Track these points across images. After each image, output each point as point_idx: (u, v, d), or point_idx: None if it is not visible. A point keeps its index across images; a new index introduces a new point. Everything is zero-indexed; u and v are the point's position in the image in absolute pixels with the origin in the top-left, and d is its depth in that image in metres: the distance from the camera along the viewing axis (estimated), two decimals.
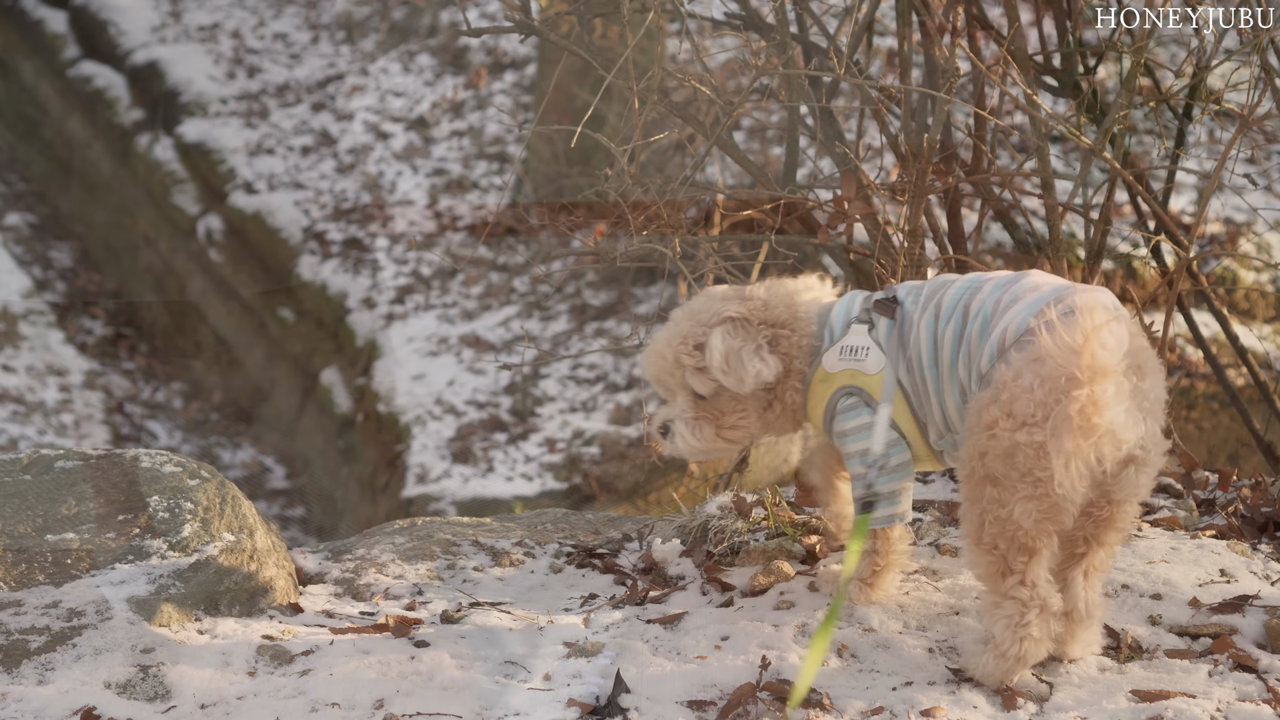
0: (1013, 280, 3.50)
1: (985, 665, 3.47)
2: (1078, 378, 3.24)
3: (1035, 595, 3.41)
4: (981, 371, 3.42)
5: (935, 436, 3.59)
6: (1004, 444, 3.34)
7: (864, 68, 5.03)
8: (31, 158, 14.92)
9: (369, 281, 11.39)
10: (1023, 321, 3.38)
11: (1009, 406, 3.32)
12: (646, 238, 4.69)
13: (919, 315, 3.57)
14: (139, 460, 4.15)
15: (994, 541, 3.39)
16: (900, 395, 3.58)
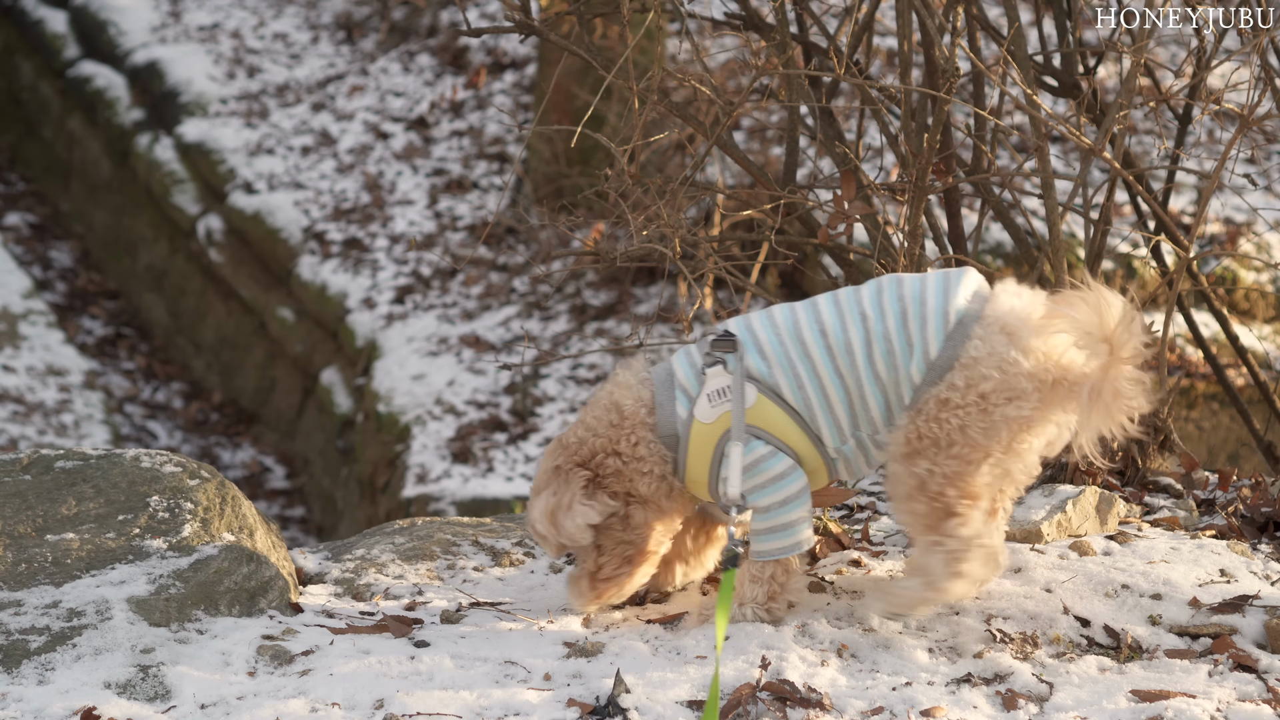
0: (883, 285, 3.64)
1: (908, 591, 3.57)
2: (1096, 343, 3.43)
3: (977, 535, 3.53)
4: (931, 357, 3.53)
5: (836, 443, 3.65)
6: (992, 420, 3.49)
7: (864, 68, 5.03)
8: (31, 158, 14.91)
9: (369, 281, 11.38)
10: (959, 305, 3.54)
11: (999, 384, 3.48)
12: (646, 238, 4.69)
13: (796, 336, 3.62)
14: (139, 460, 4.15)
15: (941, 490, 3.51)
16: (786, 415, 3.62)
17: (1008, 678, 3.52)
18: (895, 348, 3.58)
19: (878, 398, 3.61)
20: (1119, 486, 4.53)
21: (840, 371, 3.61)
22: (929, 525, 3.55)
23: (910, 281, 3.64)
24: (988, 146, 5.01)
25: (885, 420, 3.63)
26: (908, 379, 3.58)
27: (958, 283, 3.60)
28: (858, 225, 4.99)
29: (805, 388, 3.62)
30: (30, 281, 12.73)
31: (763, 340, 3.66)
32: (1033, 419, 3.52)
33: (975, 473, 3.53)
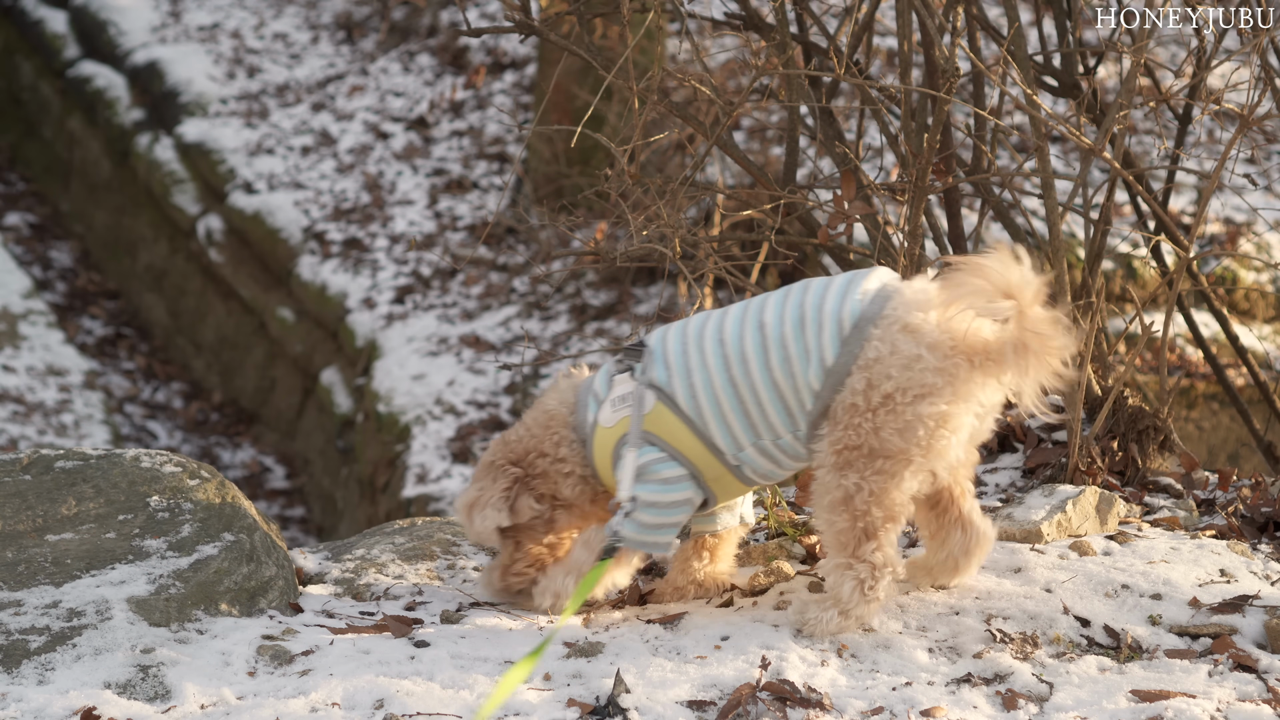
0: (790, 291, 3.65)
1: (826, 621, 3.60)
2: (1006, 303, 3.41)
3: (888, 561, 3.57)
4: (827, 364, 3.54)
5: (733, 450, 3.67)
6: (903, 420, 3.50)
7: (864, 68, 5.03)
8: (31, 158, 14.91)
9: (369, 281, 11.38)
10: (854, 307, 3.54)
11: (902, 383, 3.49)
12: (646, 238, 4.69)
13: (695, 348, 3.66)
14: (139, 460, 4.15)
15: (866, 508, 3.53)
16: (680, 423, 3.66)
17: (1008, 678, 3.52)
18: (792, 355, 3.58)
19: (776, 406, 3.62)
20: (1119, 486, 4.53)
21: (734, 380, 3.62)
22: (845, 544, 3.58)
23: (815, 286, 3.64)
24: (988, 146, 5.01)
25: (788, 427, 3.63)
26: (807, 386, 3.58)
27: (858, 284, 3.59)
28: (858, 225, 4.99)
29: (698, 396, 3.65)
30: (30, 281, 12.73)
31: (670, 349, 3.70)
32: (949, 414, 3.51)
33: (899, 486, 3.54)
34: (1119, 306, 9.46)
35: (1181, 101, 5.29)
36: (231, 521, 3.93)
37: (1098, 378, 4.88)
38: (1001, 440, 4.76)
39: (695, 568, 3.90)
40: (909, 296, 3.55)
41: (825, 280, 3.65)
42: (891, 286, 3.59)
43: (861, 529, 3.56)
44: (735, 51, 8.01)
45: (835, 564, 3.60)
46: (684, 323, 3.76)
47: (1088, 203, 4.97)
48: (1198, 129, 9.01)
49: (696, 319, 3.74)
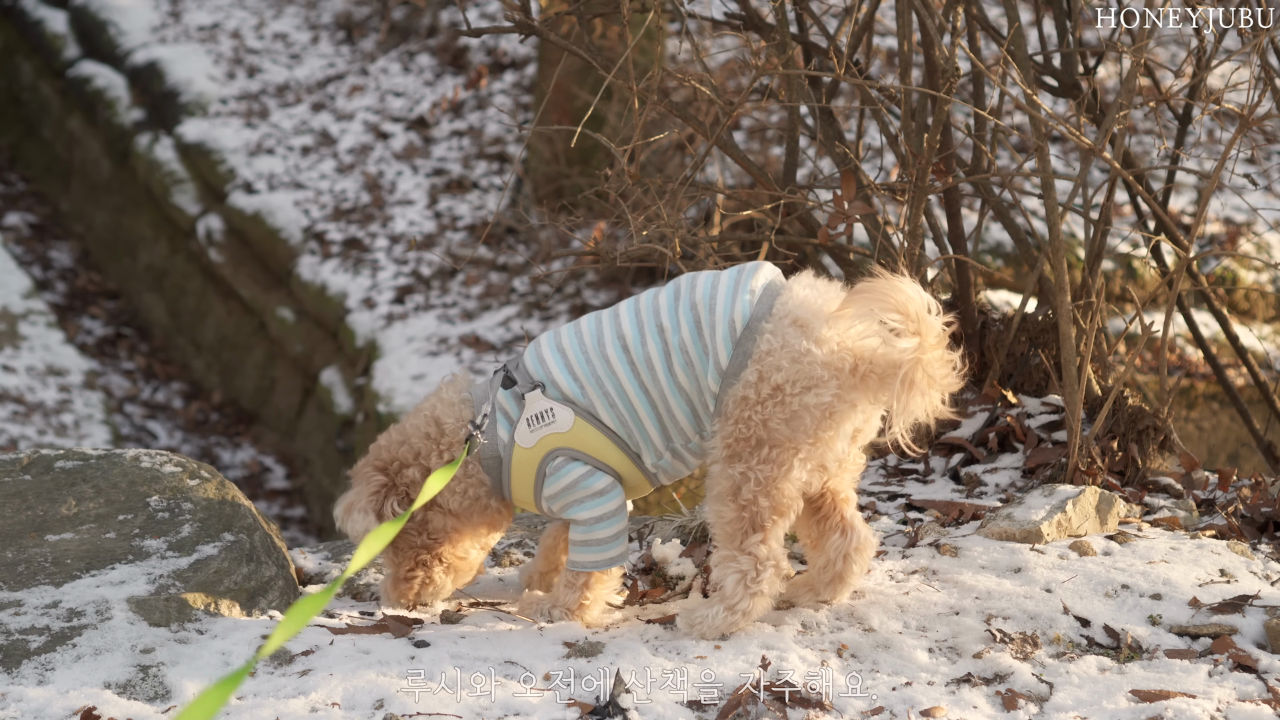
0: (679, 289, 3.67)
1: (713, 618, 3.60)
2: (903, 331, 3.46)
3: (772, 554, 3.58)
4: (722, 367, 3.58)
5: (654, 459, 3.72)
6: (790, 409, 3.53)
7: (864, 68, 5.03)
8: (31, 158, 14.91)
9: (369, 281, 11.38)
10: (744, 309, 3.58)
11: (791, 374, 3.52)
12: (646, 238, 4.69)
13: (600, 353, 3.68)
14: (139, 460, 4.15)
15: (754, 498, 3.55)
16: (603, 436, 3.69)
17: (1008, 678, 3.52)
18: (693, 358, 3.63)
19: (683, 408, 3.67)
20: (1119, 486, 4.53)
21: (645, 386, 3.67)
22: (732, 536, 3.60)
23: (703, 284, 3.66)
24: (988, 146, 5.01)
25: (695, 429, 3.68)
26: (708, 389, 3.63)
27: (746, 283, 3.63)
28: (858, 225, 4.99)
29: (617, 406, 3.68)
30: (30, 281, 12.73)
31: (572, 359, 3.71)
32: (833, 406, 3.54)
33: (787, 476, 3.56)
34: (1119, 306, 9.46)
35: (1181, 101, 5.29)
36: (231, 521, 3.93)
37: (1098, 378, 4.88)
38: (1001, 440, 4.76)
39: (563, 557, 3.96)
40: (798, 293, 3.60)
41: (713, 278, 3.68)
42: (778, 283, 3.64)
43: (748, 520, 3.58)
44: (735, 51, 8.01)
45: (720, 557, 3.62)
46: (573, 330, 3.75)
47: (1088, 203, 4.97)
48: (1198, 129, 9.01)
49: (585, 325, 3.75)
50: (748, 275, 3.64)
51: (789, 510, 3.60)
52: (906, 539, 4.19)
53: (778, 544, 3.60)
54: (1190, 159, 7.51)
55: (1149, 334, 4.75)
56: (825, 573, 3.76)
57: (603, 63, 4.70)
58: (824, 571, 3.76)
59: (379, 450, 3.87)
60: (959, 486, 4.64)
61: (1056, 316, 4.55)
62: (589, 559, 3.74)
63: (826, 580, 3.76)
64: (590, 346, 3.70)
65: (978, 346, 5.01)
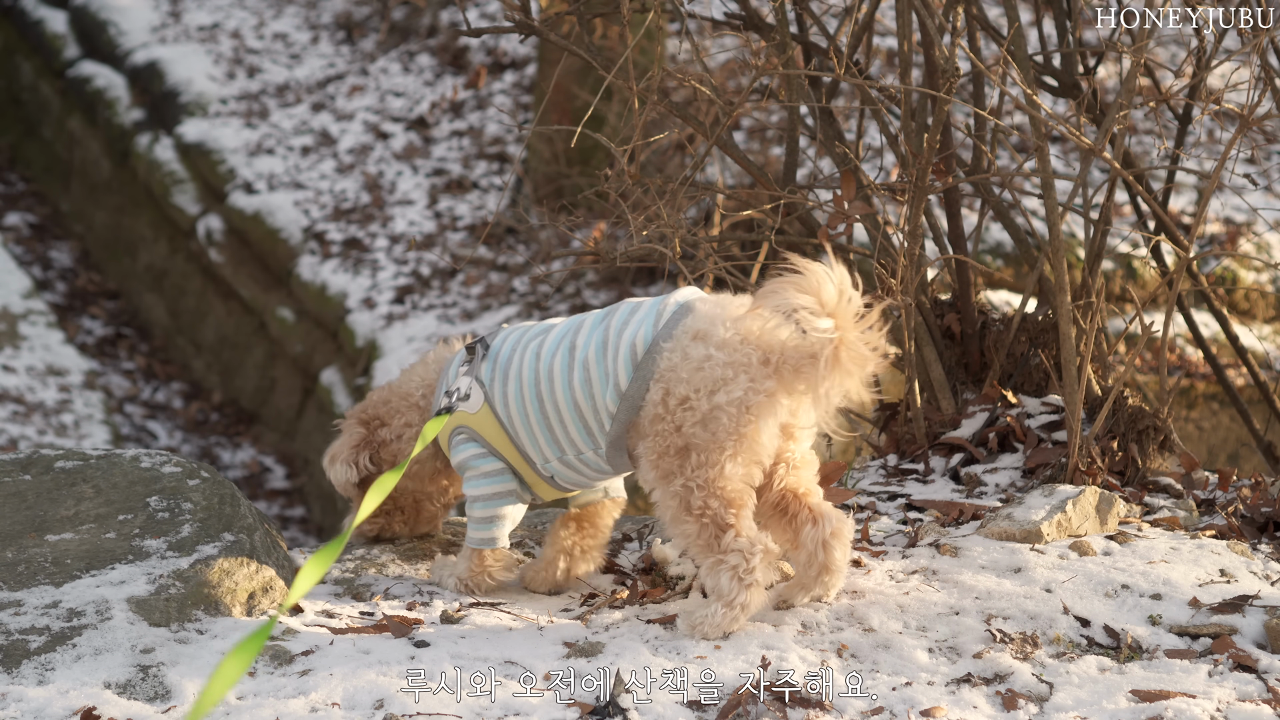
0: (610, 311, 3.78)
1: (713, 617, 3.61)
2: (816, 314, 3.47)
3: (753, 541, 3.59)
4: (621, 387, 3.67)
5: (541, 462, 3.84)
6: (701, 412, 3.56)
7: (864, 68, 5.03)
8: (31, 158, 14.91)
9: (369, 281, 11.38)
10: (647, 332, 3.66)
11: (694, 381, 3.57)
12: (646, 238, 4.69)
13: (519, 357, 3.83)
14: (139, 460, 4.15)
15: (704, 504, 3.58)
16: (500, 427, 3.85)
17: (1008, 678, 3.52)
18: (593, 376, 3.71)
19: (576, 424, 3.75)
20: (1119, 486, 4.53)
21: (540, 396, 3.77)
22: (706, 545, 3.61)
23: (623, 310, 3.76)
24: (988, 146, 5.01)
25: (589, 445, 3.76)
26: (605, 408, 3.71)
27: (657, 309, 3.70)
28: (858, 225, 4.99)
29: (510, 407, 3.83)
30: (30, 281, 12.73)
31: (502, 352, 3.88)
32: (747, 400, 3.56)
33: (724, 474, 3.58)
34: (1119, 306, 9.46)
35: (1181, 101, 5.29)
36: (231, 521, 3.93)
37: (1098, 378, 4.88)
38: (1001, 440, 4.76)
39: (562, 537, 4.00)
40: (702, 310, 3.65)
41: (636, 303, 3.77)
42: (689, 305, 3.69)
43: (711, 525, 3.59)
44: (735, 51, 8.01)
45: (707, 566, 3.63)
46: (527, 327, 3.92)
47: (1088, 203, 4.97)
48: (1198, 129, 9.01)
49: (538, 327, 3.90)
50: (661, 301, 3.73)
51: (742, 500, 3.61)
52: (906, 539, 4.19)
53: (751, 530, 3.61)
54: (1190, 159, 7.50)
55: (1149, 334, 4.75)
56: (810, 567, 3.75)
57: (603, 63, 4.70)
58: (809, 566, 3.75)
59: (366, 404, 4.14)
60: (959, 486, 4.64)
61: (1056, 316, 4.55)
62: (472, 535, 3.93)
63: (814, 574, 3.76)
64: (520, 344, 3.86)
65: (978, 346, 5.01)
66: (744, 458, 3.59)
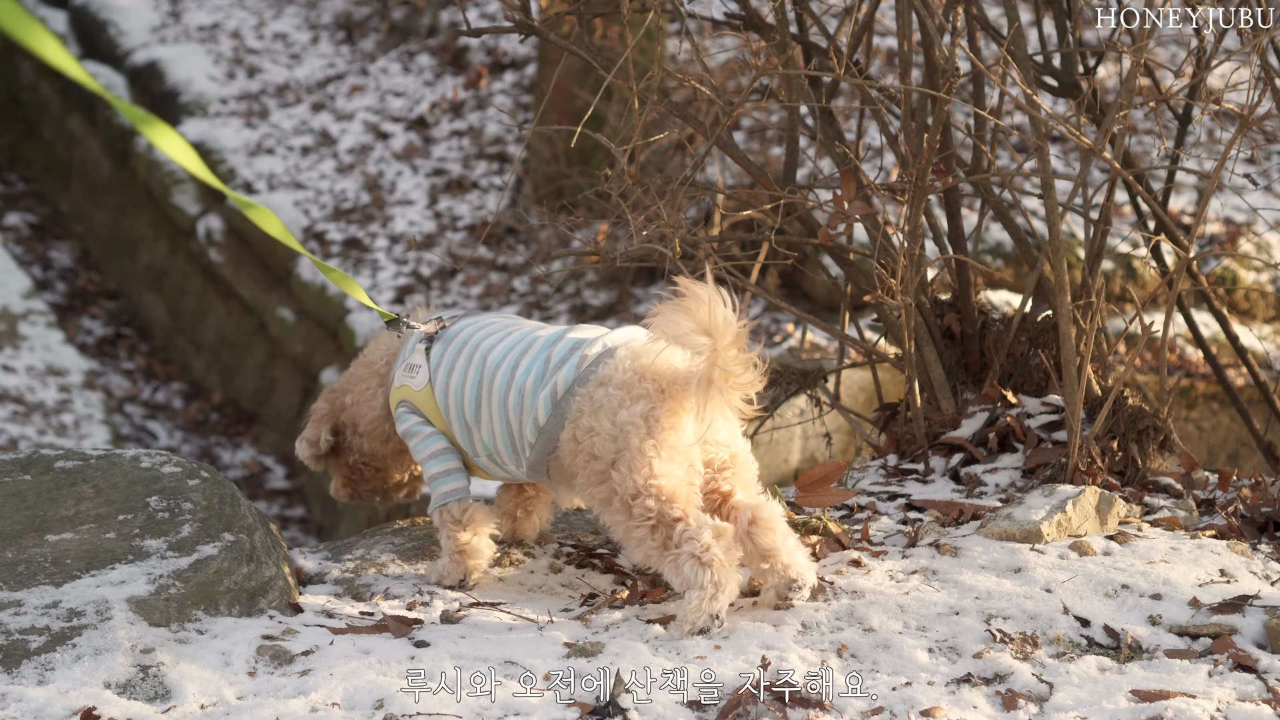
0: (558, 338, 3.89)
1: (694, 604, 3.62)
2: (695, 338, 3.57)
3: (700, 524, 3.62)
4: (539, 423, 3.81)
5: (471, 454, 4.01)
6: (607, 432, 3.66)
7: (864, 68, 5.03)
8: (31, 158, 14.91)
9: (369, 281, 11.38)
10: (568, 374, 3.77)
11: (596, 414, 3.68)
12: (646, 238, 4.69)
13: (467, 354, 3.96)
14: (139, 460, 4.15)
15: (645, 507, 3.64)
16: (438, 412, 4.01)
17: (1008, 678, 3.52)
18: (525, 404, 3.84)
19: (504, 437, 3.90)
20: (1119, 486, 4.53)
21: (479, 400, 3.93)
22: (662, 545, 3.65)
23: (564, 345, 3.85)
24: (988, 146, 5.01)
25: (512, 460, 3.91)
26: (527, 436, 3.85)
27: (584, 348, 3.80)
28: (858, 225, 4.99)
29: (449, 396, 3.97)
30: (30, 281, 12.73)
31: (457, 339, 4.01)
32: (653, 413, 3.65)
33: (654, 471, 3.63)
34: (1119, 306, 9.46)
35: (1181, 101, 5.29)
36: (231, 521, 3.93)
37: (1098, 378, 4.88)
38: (1001, 440, 4.76)
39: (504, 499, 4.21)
40: (618, 355, 3.75)
41: (577, 341, 3.86)
42: (611, 350, 3.78)
43: (657, 523, 3.64)
44: (735, 51, 8.01)
45: (666, 563, 3.66)
46: (486, 321, 4.05)
47: (1088, 203, 4.97)
48: (1198, 129, 9.02)
49: (496, 324, 4.02)
50: (589, 339, 3.83)
51: (683, 494, 3.65)
52: (906, 539, 4.19)
53: (694, 518, 3.64)
54: (1190, 159, 7.50)
55: (1149, 334, 4.75)
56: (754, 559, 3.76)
57: (603, 63, 4.70)
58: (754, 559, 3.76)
59: (338, 382, 4.33)
60: (959, 486, 4.64)
61: (1056, 316, 4.55)
62: (434, 495, 4.01)
63: (766, 569, 3.76)
64: (474, 338, 3.98)
65: (978, 346, 5.01)
66: (668, 453, 3.66)
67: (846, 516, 4.48)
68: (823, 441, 7.59)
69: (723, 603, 3.63)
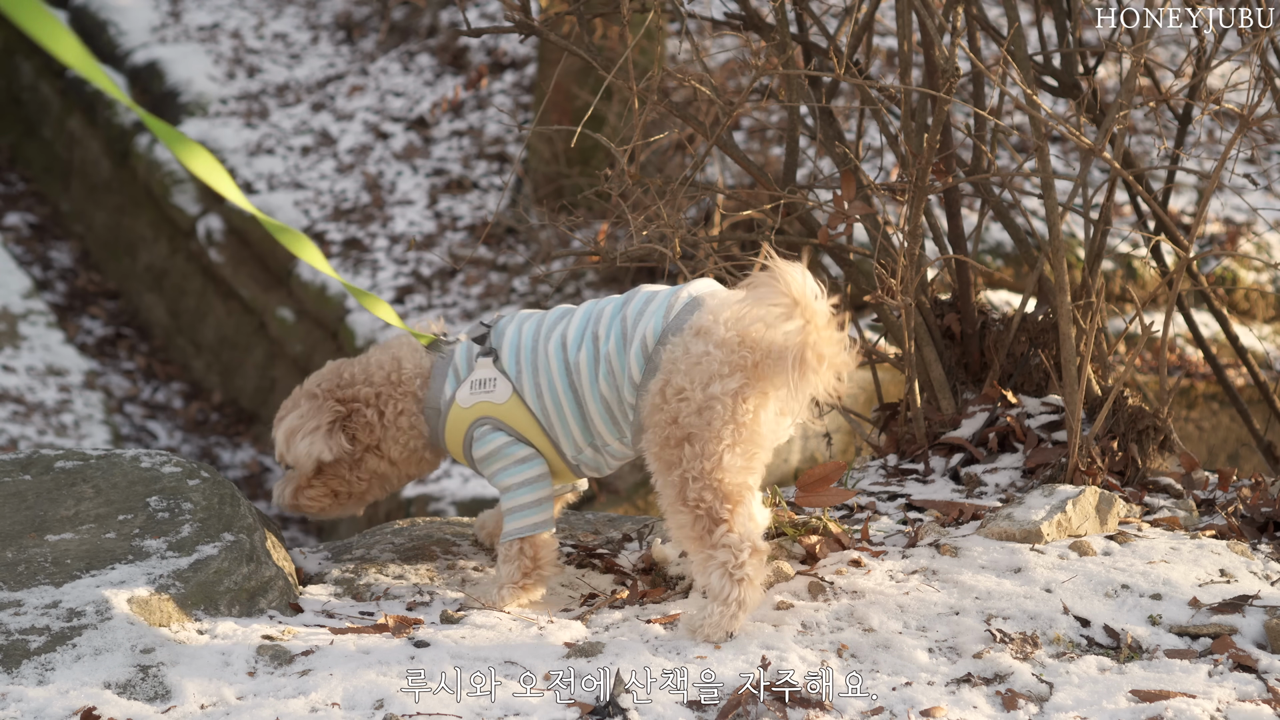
0: (628, 299, 3.81)
1: (713, 617, 3.62)
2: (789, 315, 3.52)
3: (744, 538, 3.61)
4: (635, 381, 3.73)
5: (574, 452, 3.90)
6: (696, 402, 3.60)
7: (864, 68, 5.03)
8: (31, 158, 14.91)
9: (369, 281, 11.38)
10: (656, 325, 3.70)
11: (691, 374, 3.61)
12: (646, 238, 4.69)
13: (543, 347, 3.86)
14: (139, 460, 4.15)
15: (700, 496, 3.62)
16: (531, 417, 3.88)
17: (1008, 678, 3.52)
18: (615, 369, 3.77)
19: (603, 414, 3.82)
20: (1119, 486, 4.53)
21: (574, 387, 3.83)
22: (698, 538, 3.64)
23: (638, 300, 3.80)
24: (988, 146, 5.01)
25: (615, 435, 3.84)
26: (626, 399, 3.78)
27: (668, 300, 3.75)
28: (858, 225, 4.99)
29: (544, 398, 3.86)
30: (30, 281, 12.73)
31: (523, 341, 3.91)
32: (743, 392, 3.61)
33: (721, 466, 3.61)
34: (1119, 306, 9.46)
35: (1181, 101, 5.29)
36: (231, 521, 3.93)
37: (1098, 378, 4.88)
38: (1001, 440, 4.76)
39: None
40: (709, 305, 3.70)
41: (649, 294, 3.81)
42: (699, 299, 3.73)
43: (705, 518, 3.63)
44: (735, 51, 8.01)
45: (698, 562, 3.66)
46: (540, 316, 3.95)
47: (1088, 203, 4.97)
48: (1198, 129, 9.02)
49: (551, 315, 3.94)
50: (674, 292, 3.76)
51: (740, 497, 3.64)
52: (906, 539, 4.19)
53: (744, 527, 3.63)
54: (1190, 159, 7.51)
55: (1149, 334, 4.75)
56: None
57: (603, 63, 4.70)
58: None
59: (340, 381, 4.06)
60: (959, 486, 4.64)
61: (1056, 316, 4.55)
62: (513, 526, 3.87)
63: None
64: (541, 335, 3.88)
65: (978, 346, 5.01)
66: (743, 448, 3.64)
67: (846, 516, 4.48)
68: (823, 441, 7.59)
69: (741, 622, 3.63)
